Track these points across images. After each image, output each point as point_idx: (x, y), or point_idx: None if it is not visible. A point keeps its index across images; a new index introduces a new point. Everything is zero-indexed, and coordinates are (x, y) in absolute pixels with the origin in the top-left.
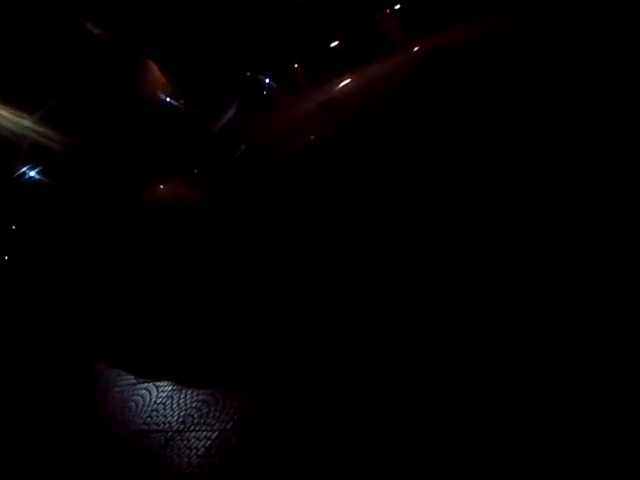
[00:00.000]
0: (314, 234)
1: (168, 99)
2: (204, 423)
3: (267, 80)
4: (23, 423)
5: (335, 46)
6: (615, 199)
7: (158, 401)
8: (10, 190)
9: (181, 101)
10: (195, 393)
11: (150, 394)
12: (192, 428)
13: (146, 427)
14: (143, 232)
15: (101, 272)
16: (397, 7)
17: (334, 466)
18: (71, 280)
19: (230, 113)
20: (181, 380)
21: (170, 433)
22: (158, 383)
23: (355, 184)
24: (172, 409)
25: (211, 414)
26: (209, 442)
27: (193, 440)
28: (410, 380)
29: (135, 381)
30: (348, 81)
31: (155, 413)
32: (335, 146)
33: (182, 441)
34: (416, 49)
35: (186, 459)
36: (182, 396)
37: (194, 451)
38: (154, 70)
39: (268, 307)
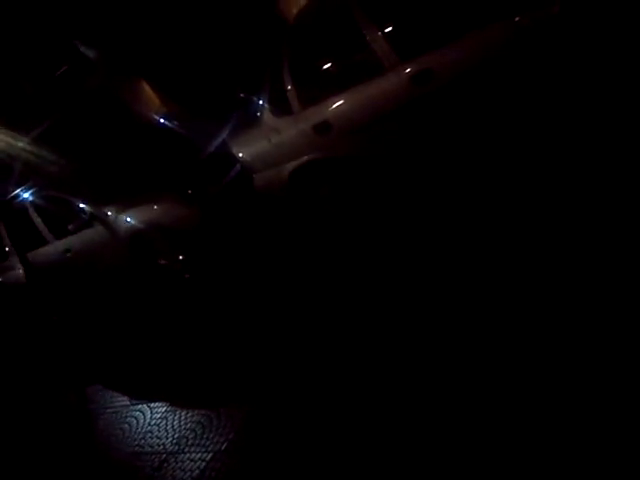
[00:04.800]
0: (308, 254)
1: (161, 119)
2: (198, 444)
3: (260, 101)
4: (16, 444)
5: (328, 68)
6: (614, 201)
7: (152, 422)
8: (4, 212)
9: (174, 121)
10: (189, 414)
11: (144, 415)
12: (186, 450)
13: (140, 449)
14: (135, 253)
15: (95, 293)
16: (388, 30)
17: None
18: (65, 301)
19: (223, 134)
20: (175, 401)
21: (164, 455)
22: (152, 404)
23: (351, 203)
24: (166, 430)
25: (205, 435)
26: (204, 464)
27: (187, 462)
28: (408, 391)
29: (129, 402)
30: (341, 102)
31: (149, 435)
32: (330, 166)
33: (176, 463)
34: (407, 70)
35: None
36: (176, 417)
37: (188, 473)
38: (148, 91)
39: (262, 325)
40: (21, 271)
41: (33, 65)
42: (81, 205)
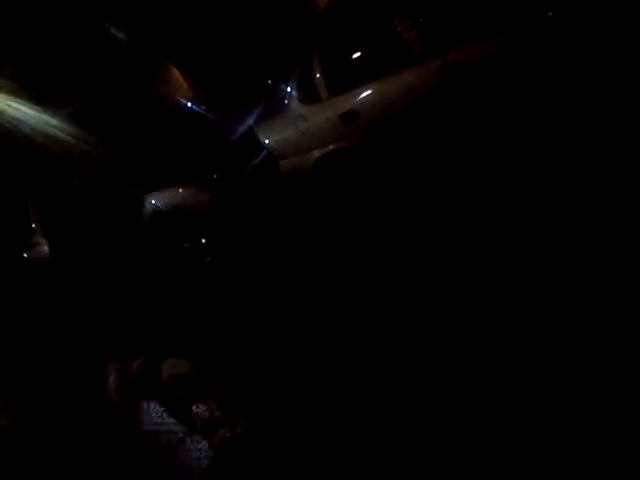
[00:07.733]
0: (331, 242)
1: (189, 104)
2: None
3: (288, 88)
4: (33, 420)
5: (358, 57)
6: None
7: None
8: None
9: (202, 106)
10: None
11: None
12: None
13: (157, 427)
14: (159, 235)
15: (115, 272)
16: (420, 20)
17: (340, 473)
18: (84, 279)
19: (250, 120)
20: None
21: (181, 434)
22: None
23: (375, 193)
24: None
25: (223, 418)
26: (220, 445)
27: (204, 442)
28: (411, 385)
29: None
30: (370, 92)
31: (167, 413)
32: (356, 156)
33: (193, 443)
34: (437, 62)
35: (196, 461)
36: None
37: (204, 453)
38: (176, 75)
39: (277, 315)
40: (46, 248)
41: (66, 45)
42: None
